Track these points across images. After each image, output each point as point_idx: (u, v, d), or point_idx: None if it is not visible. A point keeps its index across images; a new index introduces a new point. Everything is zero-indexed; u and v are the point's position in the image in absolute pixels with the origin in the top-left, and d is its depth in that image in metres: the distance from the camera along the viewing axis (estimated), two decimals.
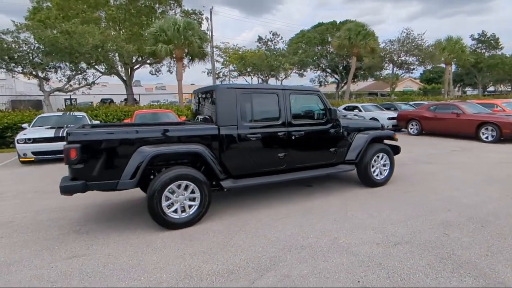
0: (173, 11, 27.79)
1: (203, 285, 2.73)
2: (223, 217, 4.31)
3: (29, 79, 16.77)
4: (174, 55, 16.69)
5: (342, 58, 34.11)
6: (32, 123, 10.31)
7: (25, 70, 15.30)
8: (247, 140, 4.35)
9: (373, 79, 35.05)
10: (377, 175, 5.48)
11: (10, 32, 14.83)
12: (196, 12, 27.57)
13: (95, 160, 3.61)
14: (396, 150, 5.87)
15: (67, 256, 3.33)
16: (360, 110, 15.37)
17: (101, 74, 17.18)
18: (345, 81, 38.85)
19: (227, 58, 26.98)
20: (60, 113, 11.37)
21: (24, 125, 10.27)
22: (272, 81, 26.53)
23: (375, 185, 5.42)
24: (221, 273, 2.91)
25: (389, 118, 13.91)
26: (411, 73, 25.41)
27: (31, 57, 15.06)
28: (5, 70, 14.98)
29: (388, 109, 16.68)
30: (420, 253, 3.17)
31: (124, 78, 28.57)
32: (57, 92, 17.10)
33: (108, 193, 4.88)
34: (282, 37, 24.07)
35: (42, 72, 15.85)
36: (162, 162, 4.13)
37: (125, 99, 28.72)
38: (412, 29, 23.45)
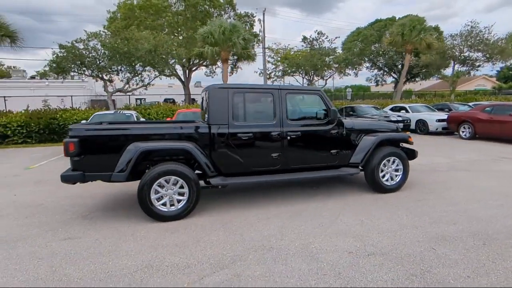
0: (227, 14, 28.77)
1: (157, 275, 2.82)
2: (212, 213, 4.38)
3: (96, 81, 18.72)
4: (220, 57, 17.23)
5: (400, 56, 31.79)
6: (89, 120, 11.53)
7: (92, 74, 17.14)
8: (238, 139, 4.35)
9: (437, 77, 31.97)
10: (386, 180, 5.05)
11: (82, 40, 16.73)
12: (249, 14, 28.14)
13: (91, 153, 3.95)
14: (412, 154, 5.34)
15: (63, 238, 3.70)
16: (407, 111, 14.19)
17: (155, 76, 18.45)
18: (404, 80, 36.22)
19: (277, 59, 26.98)
20: (112, 111, 12.53)
21: (83, 122, 11.54)
22: (317, 81, 25.91)
23: (385, 190, 5.01)
24: (178, 266, 2.98)
25: (439, 120, 12.60)
26: (476, 70, 22.55)
27: (97, 62, 16.80)
28: (76, 73, 16.96)
29: (441, 110, 15.12)
30: (391, 266, 2.88)
31: (183, 79, 30.42)
32: (140, 91, 18.76)
33: (126, 184, 5.29)
34: (327, 36, 23.18)
35: (107, 75, 17.59)
36: (158, 158, 4.33)
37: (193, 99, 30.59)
38: (478, 22, 20.61)
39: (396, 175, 5.11)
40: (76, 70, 16.76)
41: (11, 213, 4.60)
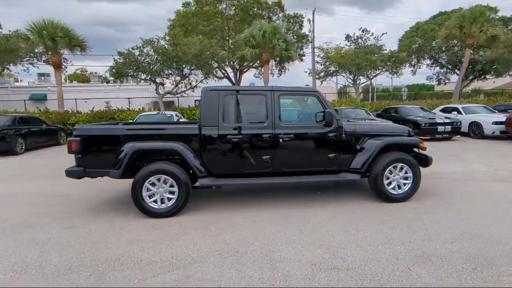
0: (276, 16, 28.74)
1: (117, 269, 2.94)
2: (204, 212, 4.42)
3: (150, 84, 20.15)
4: (261, 59, 17.28)
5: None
6: (135, 119, 12.47)
7: (146, 77, 18.49)
8: (228, 141, 4.32)
9: (508, 74, 27.97)
10: (393, 188, 4.58)
11: (138, 47, 18.14)
12: (297, 15, 27.74)
13: (91, 151, 4.26)
14: (425, 161, 4.75)
15: (65, 227, 4.06)
16: (459, 112, 12.66)
17: (202, 79, 19.24)
18: (470, 78, 32.40)
19: (326, 59, 26.19)
20: (156, 112, 13.37)
21: (130, 121, 12.53)
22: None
23: (391, 200, 4.55)
24: (141, 262, 3.07)
25: (496, 123, 11.01)
26: None
27: (150, 67, 18.07)
28: (132, 77, 18.46)
29: (504, 111, 13.21)
30: (347, 283, 2.61)
31: (233, 81, 31.20)
32: (188, 93, 19.92)
33: None
34: (372, 33, 21.61)
35: (159, 79, 18.83)
36: (155, 157, 4.51)
37: None
38: None
39: (405, 184, 4.60)
40: (132, 75, 18.25)
41: (39, 202, 5.18)
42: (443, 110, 13.68)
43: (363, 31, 21.95)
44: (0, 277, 2.85)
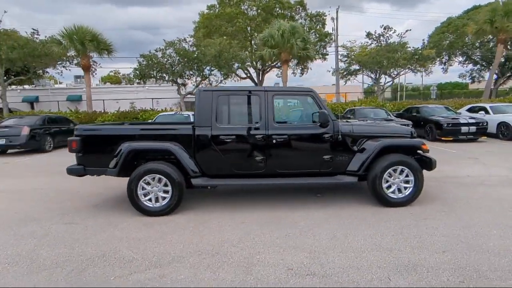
0: (299, 15, 28.39)
1: (98, 265, 3.01)
2: (196, 212, 4.44)
3: (172, 85, 20.61)
4: (279, 58, 17.11)
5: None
6: (154, 119, 12.80)
7: (168, 78, 18.95)
8: (221, 141, 4.30)
9: None
10: (393, 192, 4.35)
11: (160, 50, 18.63)
12: (320, 13, 27.23)
13: (90, 151, 4.40)
14: (428, 164, 4.46)
15: (65, 222, 4.22)
16: (487, 112, 11.84)
17: (222, 79, 19.43)
18: (508, 75, 30.23)
19: (351, 57, 25.50)
20: (173, 112, 13.66)
21: (149, 121, 12.89)
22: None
23: (390, 204, 4.33)
24: (123, 259, 3.11)
25: None
26: None
27: (172, 68, 18.50)
28: (155, 78, 18.98)
29: None
30: None
31: (256, 81, 31.23)
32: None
33: None
34: (394, 30, 20.40)
35: (180, 79, 19.24)
36: (150, 157, 4.56)
37: None
38: None
39: (406, 188, 4.35)
40: (154, 75, 18.77)
41: (50, 197, 5.43)
42: (469, 110, 12.87)
43: (385, 28, 21.07)
44: None
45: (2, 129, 11.13)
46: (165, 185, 4.29)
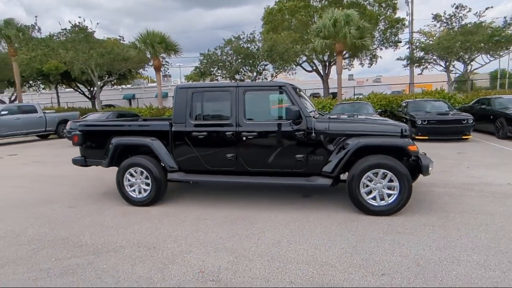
0: (367, 1, 26.16)
1: (57, 248, 3.35)
2: (174, 206, 4.55)
3: (231, 81, 21.26)
4: (332, 49, 16.04)
5: None
6: None
7: (226, 75, 19.64)
8: (193, 138, 4.31)
9: None
10: (373, 198, 3.74)
11: (220, 47, 19.41)
12: None
13: (89, 144, 4.88)
14: (417, 169, 3.69)
15: (68, 206, 4.79)
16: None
17: (277, 73, 19.27)
18: None
19: (413, 43, 22.49)
20: None
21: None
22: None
23: (371, 212, 3.75)
24: (76, 244, 3.39)
25: None
26: None
27: (229, 64, 19.11)
28: (214, 75, 19.88)
29: None
30: None
31: (322, 74, 30.11)
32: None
33: None
34: (469, 9, 16.18)
35: (238, 75, 19.75)
36: (138, 151, 4.79)
37: (332, 93, 30.46)
38: None
39: (389, 194, 3.70)
40: (214, 73, 19.67)
41: (74, 183, 6.14)
42: (477, 102, 10.17)
43: (457, 7, 17.69)
44: None
45: (80, 122, 13.13)
46: (146, 177, 4.50)
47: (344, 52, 25.53)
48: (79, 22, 19.95)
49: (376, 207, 3.73)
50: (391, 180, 3.67)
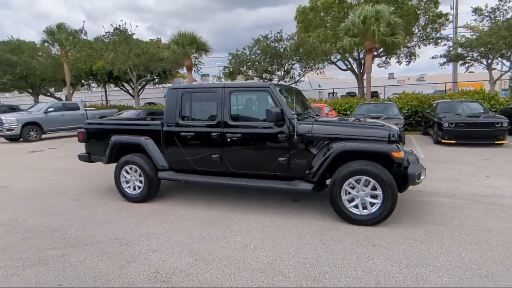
0: None
1: (42, 238, 3.57)
2: (165, 203, 4.63)
3: (259, 80, 21.21)
4: (361, 47, 15.26)
5: None
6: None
7: (254, 74, 19.62)
8: (182, 138, 4.34)
9: None
10: (355, 206, 3.50)
11: (248, 47, 19.45)
12: None
13: (92, 141, 5.14)
14: (402, 177, 3.36)
15: (73, 199, 5.09)
16: None
17: (305, 72, 18.87)
18: None
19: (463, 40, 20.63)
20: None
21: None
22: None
23: (352, 221, 3.51)
24: (62, 236, 3.58)
25: None
26: None
27: (257, 64, 19.06)
28: (242, 75, 19.96)
29: None
30: None
31: (357, 73, 28.99)
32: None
33: None
34: None
35: (267, 74, 19.66)
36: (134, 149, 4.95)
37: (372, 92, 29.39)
38: None
39: (372, 203, 3.43)
40: (243, 72, 19.75)
41: (86, 177, 6.49)
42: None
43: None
44: None
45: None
46: (140, 175, 4.64)
47: (380, 50, 24.39)
48: (119, 25, 21.11)
49: (358, 216, 3.49)
50: (374, 188, 3.40)
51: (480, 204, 4.06)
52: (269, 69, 18.85)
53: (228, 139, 4.07)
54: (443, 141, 8.60)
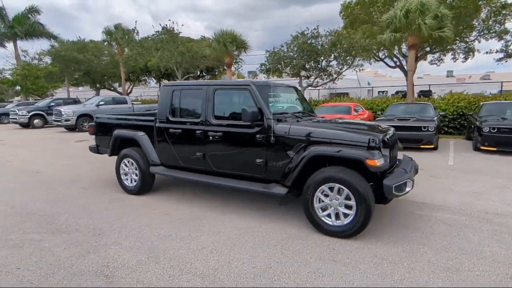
0: None
1: (31, 223, 3.84)
2: (158, 198, 4.70)
3: (296, 78, 20.71)
4: (403, 43, 13.95)
5: None
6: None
7: (290, 71, 19.23)
8: (171, 134, 4.35)
9: None
10: (328, 215, 3.17)
11: (286, 44, 19.11)
12: None
13: (100, 134, 5.41)
14: (380, 185, 2.92)
15: (83, 187, 5.43)
16: None
17: (342, 70, 17.97)
18: None
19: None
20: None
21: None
22: None
23: (326, 232, 3.20)
24: (50, 222, 3.82)
25: None
26: None
27: (293, 61, 18.63)
28: (279, 72, 19.66)
29: None
30: None
31: (405, 70, 26.92)
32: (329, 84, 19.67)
33: None
34: None
35: (304, 72, 19.14)
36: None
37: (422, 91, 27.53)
38: None
39: (346, 214, 3.07)
40: (280, 70, 19.47)
41: (102, 168, 6.87)
42: None
43: None
44: None
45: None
46: (136, 168, 4.77)
47: (433, 46, 22.36)
48: (166, 24, 22.10)
49: (330, 227, 3.16)
50: (348, 198, 3.05)
51: (488, 224, 3.42)
52: (306, 66, 18.31)
53: (211, 137, 3.98)
54: (482, 147, 7.52)
